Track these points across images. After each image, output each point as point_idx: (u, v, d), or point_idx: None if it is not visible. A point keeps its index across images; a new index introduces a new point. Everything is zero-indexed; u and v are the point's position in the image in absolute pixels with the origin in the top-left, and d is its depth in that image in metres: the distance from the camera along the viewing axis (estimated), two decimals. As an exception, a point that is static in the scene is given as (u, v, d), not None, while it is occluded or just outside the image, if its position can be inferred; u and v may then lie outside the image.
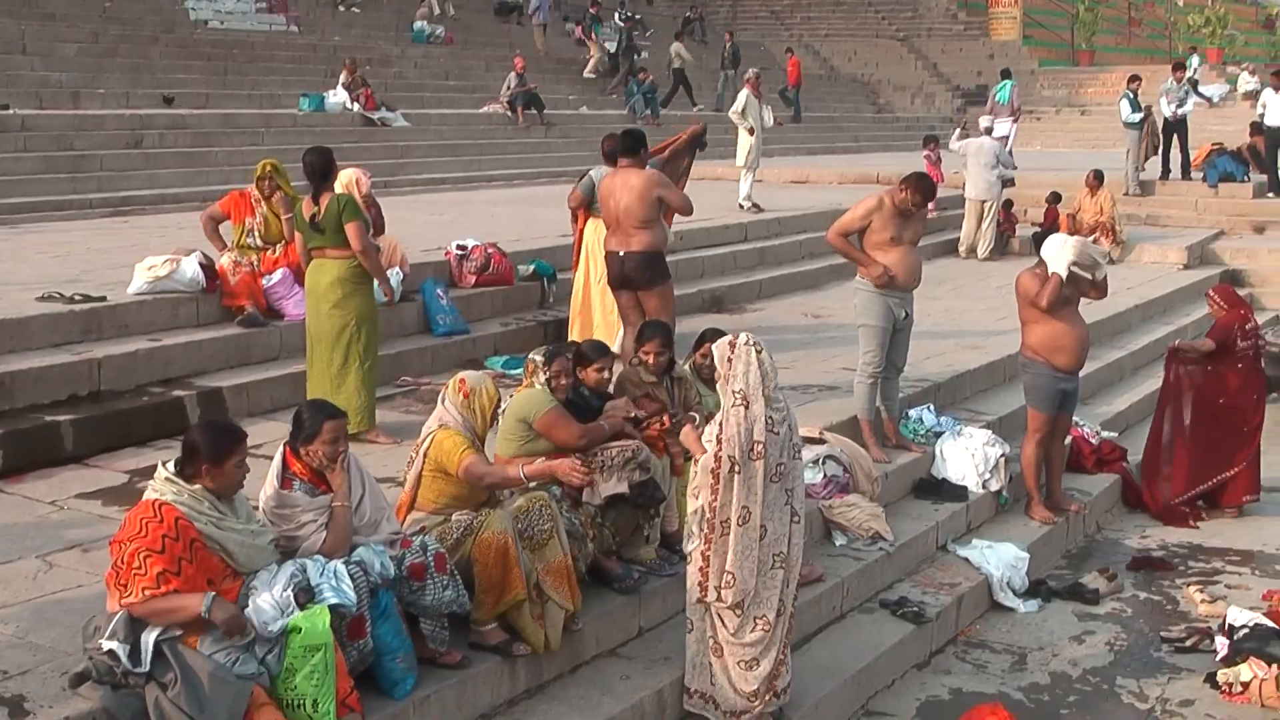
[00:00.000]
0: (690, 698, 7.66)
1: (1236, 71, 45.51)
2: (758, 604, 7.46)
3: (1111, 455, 13.21)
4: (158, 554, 5.79)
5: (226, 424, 6.50)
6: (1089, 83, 48.28)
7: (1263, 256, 23.62)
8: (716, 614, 7.50)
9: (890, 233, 11.00)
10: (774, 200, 22.06)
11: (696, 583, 7.49)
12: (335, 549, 6.57)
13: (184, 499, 6.01)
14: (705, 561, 7.43)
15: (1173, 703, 9.00)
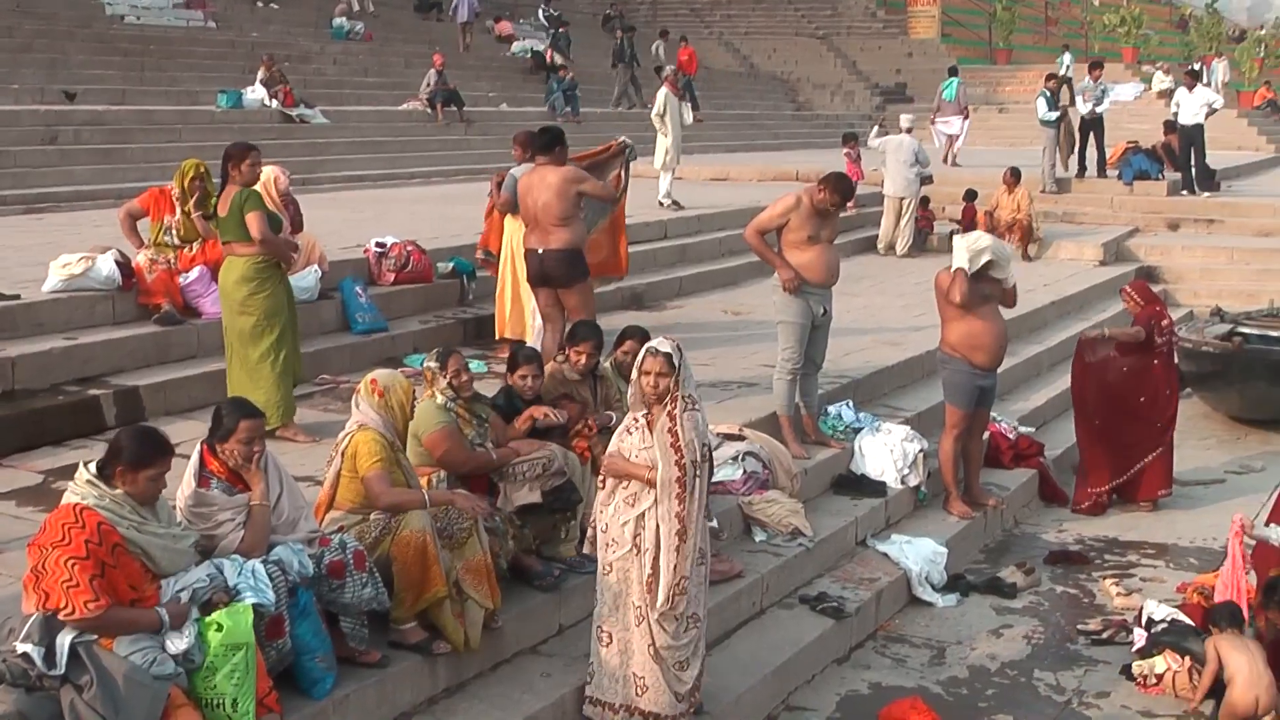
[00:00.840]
0: (610, 711, 7.50)
1: (1151, 71, 46.04)
2: (691, 604, 7.44)
3: (1029, 450, 13.33)
4: (83, 560, 5.73)
5: (157, 436, 6.39)
6: (1007, 81, 48.68)
7: (1177, 253, 23.89)
8: (657, 623, 7.39)
9: (808, 231, 11.05)
10: (694, 198, 22.08)
11: (635, 593, 7.36)
12: (253, 548, 6.53)
13: (105, 503, 5.97)
14: (657, 572, 7.31)
15: (1089, 694, 9.13)
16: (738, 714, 8.23)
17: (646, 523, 7.31)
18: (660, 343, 7.37)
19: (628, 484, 7.35)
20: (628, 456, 7.35)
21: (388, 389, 7.52)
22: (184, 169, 11.75)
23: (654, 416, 7.33)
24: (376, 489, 7.24)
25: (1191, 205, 26.58)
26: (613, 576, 7.40)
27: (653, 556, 7.31)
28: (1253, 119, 42.74)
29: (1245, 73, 50.49)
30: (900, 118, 26.14)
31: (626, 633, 7.40)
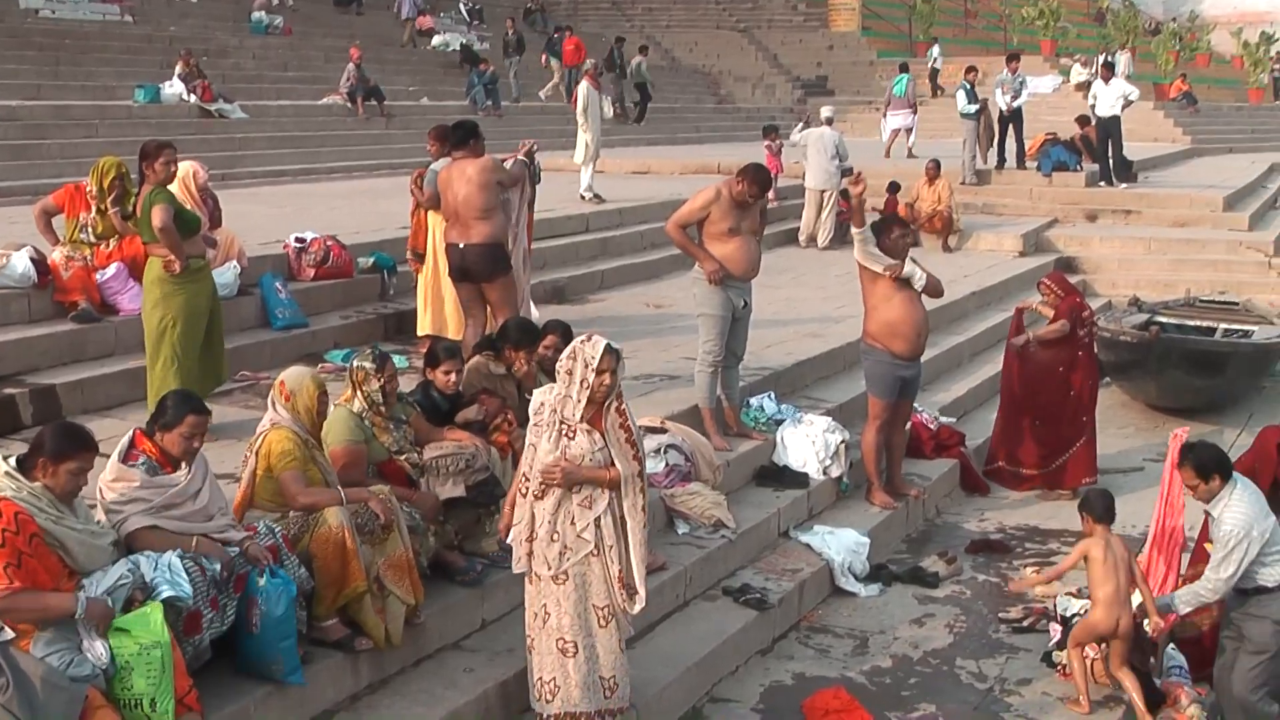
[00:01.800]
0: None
1: (1069, 63, 46.40)
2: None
3: (950, 441, 13.42)
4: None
5: (81, 431, 6.35)
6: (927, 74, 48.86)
7: (1095, 244, 24.12)
8: (624, 616, 7.41)
9: (728, 223, 11.07)
10: (615, 191, 22.08)
11: (597, 594, 7.30)
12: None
13: (23, 495, 5.94)
14: (627, 565, 7.30)
15: (1010, 682, 9.20)
16: (661, 706, 8.23)
17: (603, 522, 7.25)
18: (608, 345, 7.26)
19: (579, 488, 7.22)
20: (578, 463, 7.22)
21: (294, 393, 7.46)
22: (102, 167, 11.59)
23: (599, 416, 7.26)
24: (292, 489, 7.19)
25: (1109, 196, 26.86)
26: (569, 585, 7.24)
27: (618, 553, 7.26)
28: (1169, 111, 43.16)
29: (1161, 66, 50.99)
30: (820, 110, 26.23)
31: (590, 637, 7.32)
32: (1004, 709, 8.84)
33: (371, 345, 9.27)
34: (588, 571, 7.26)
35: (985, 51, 48.77)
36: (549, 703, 7.35)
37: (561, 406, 7.24)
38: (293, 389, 7.47)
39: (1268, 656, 8.20)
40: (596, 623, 7.31)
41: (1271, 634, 8.17)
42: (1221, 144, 41.49)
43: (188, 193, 11.64)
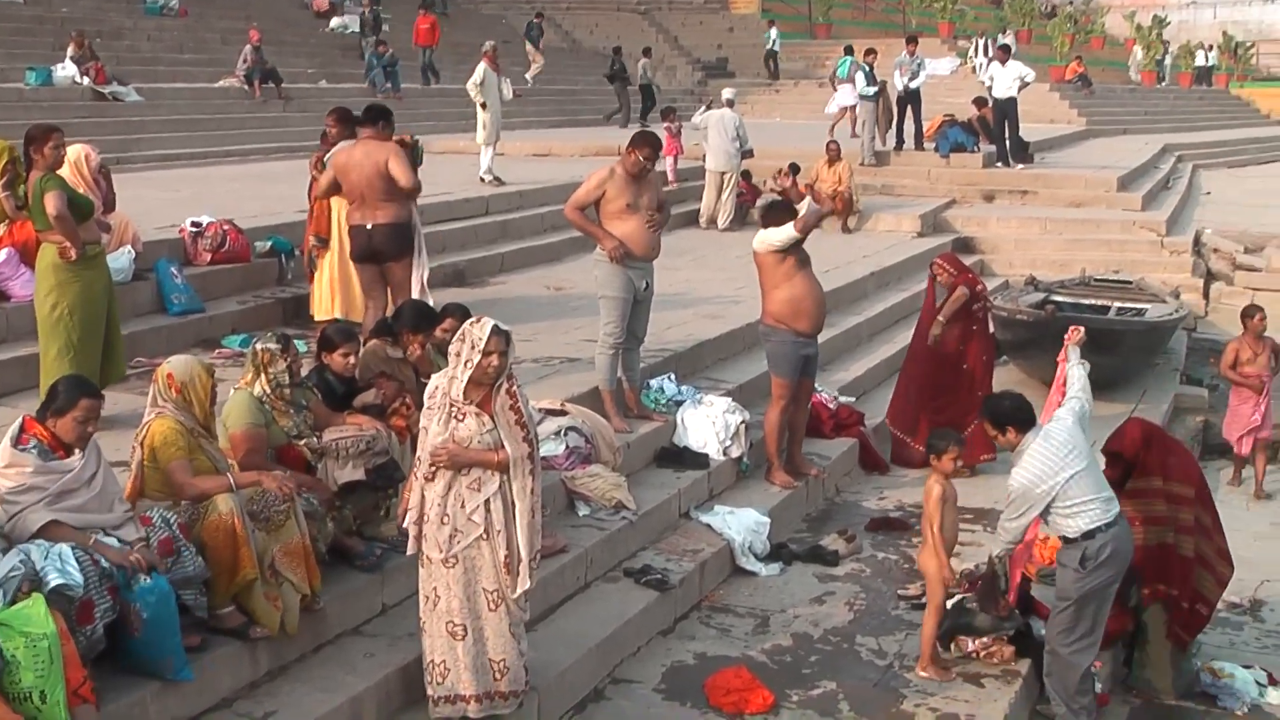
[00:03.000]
0: (475, 701, 7.39)
1: (967, 45, 46.79)
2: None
3: (849, 420, 13.50)
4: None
5: None
6: (826, 55, 49.05)
7: (992, 224, 24.38)
8: (514, 601, 7.37)
9: (625, 200, 11.08)
10: (515, 173, 22.01)
11: (487, 578, 7.29)
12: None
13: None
14: (514, 550, 7.29)
15: (909, 658, 9.26)
16: (563, 689, 8.24)
17: (493, 505, 7.23)
18: (496, 325, 7.25)
19: (468, 471, 7.21)
20: (465, 445, 7.22)
21: (185, 384, 7.36)
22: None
23: (488, 398, 7.25)
24: (179, 479, 7.12)
25: (1006, 177, 27.17)
26: (459, 569, 7.23)
27: (506, 537, 7.24)
28: (1064, 93, 43.62)
29: (1057, 48, 51.49)
30: (721, 92, 26.30)
31: (479, 620, 7.30)
32: (903, 685, 8.90)
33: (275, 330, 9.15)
34: (477, 555, 7.26)
35: (884, 34, 49.07)
36: (439, 685, 7.35)
37: (451, 388, 7.25)
38: (183, 380, 7.37)
39: (1070, 605, 8.49)
40: (486, 606, 7.30)
41: (1072, 581, 8.45)
42: (1116, 125, 42.03)
43: (80, 177, 11.45)
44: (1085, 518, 8.32)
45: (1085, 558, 8.34)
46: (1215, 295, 22.25)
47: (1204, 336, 20.81)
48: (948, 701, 8.66)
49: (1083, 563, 8.35)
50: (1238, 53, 61.99)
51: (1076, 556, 8.38)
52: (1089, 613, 8.53)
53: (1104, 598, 8.57)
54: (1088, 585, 8.41)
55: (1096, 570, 8.36)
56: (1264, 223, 25.94)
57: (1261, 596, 11.45)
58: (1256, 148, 44.02)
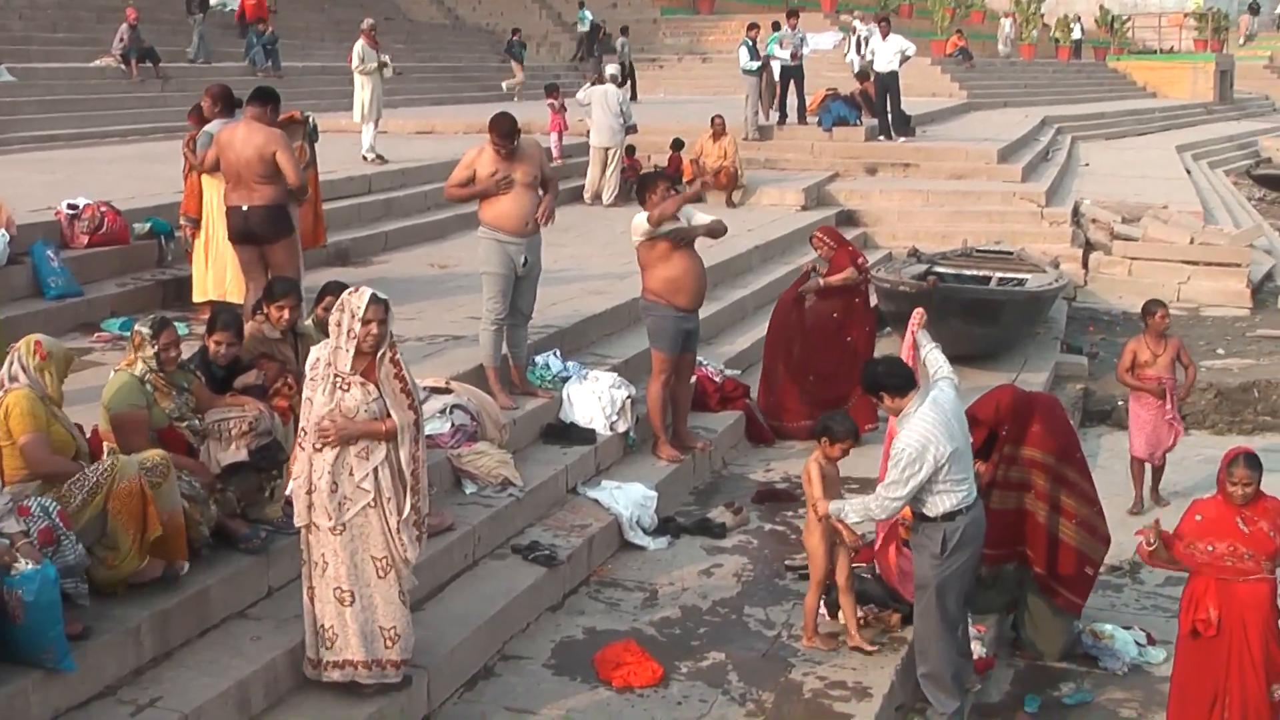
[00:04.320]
0: (363, 668, 7.42)
1: (849, 19, 47.00)
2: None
3: (734, 393, 13.58)
4: None
5: None
6: (709, 31, 49.26)
7: (875, 197, 24.55)
8: (405, 567, 7.44)
9: (497, 177, 11.11)
10: (398, 151, 21.88)
11: (376, 545, 7.32)
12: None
13: None
14: (402, 515, 7.34)
15: (796, 627, 9.33)
16: (453, 666, 8.24)
17: (381, 473, 7.27)
18: (374, 294, 7.24)
19: (356, 439, 7.24)
20: (351, 416, 7.21)
21: (51, 354, 7.31)
22: None
23: (372, 367, 7.25)
24: (37, 455, 7.04)
25: (888, 150, 27.35)
26: (346, 536, 7.26)
27: (395, 504, 7.29)
28: (945, 66, 43.99)
29: (937, 22, 51.85)
30: (605, 68, 26.29)
31: (369, 588, 7.33)
32: (791, 654, 8.98)
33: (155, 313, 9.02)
34: (365, 523, 7.29)
35: (767, 9, 49.14)
36: (328, 649, 7.36)
37: (334, 359, 7.25)
38: (50, 349, 7.34)
39: (930, 590, 8.38)
40: (375, 573, 7.33)
41: (931, 567, 8.37)
42: (996, 99, 42.45)
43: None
44: (952, 498, 8.19)
45: (945, 540, 8.24)
46: (1094, 265, 22.56)
47: (1084, 305, 21.12)
48: (835, 670, 8.74)
49: (942, 547, 8.24)
50: (1114, 26, 62.86)
51: (937, 539, 8.26)
52: (950, 599, 8.41)
53: (963, 581, 8.49)
54: (945, 571, 8.31)
55: (954, 554, 8.27)
56: (1141, 193, 26.36)
57: (1140, 559, 11.64)
58: (1134, 120, 44.65)
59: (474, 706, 8.16)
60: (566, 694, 8.34)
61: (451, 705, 8.13)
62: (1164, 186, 28.34)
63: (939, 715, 8.51)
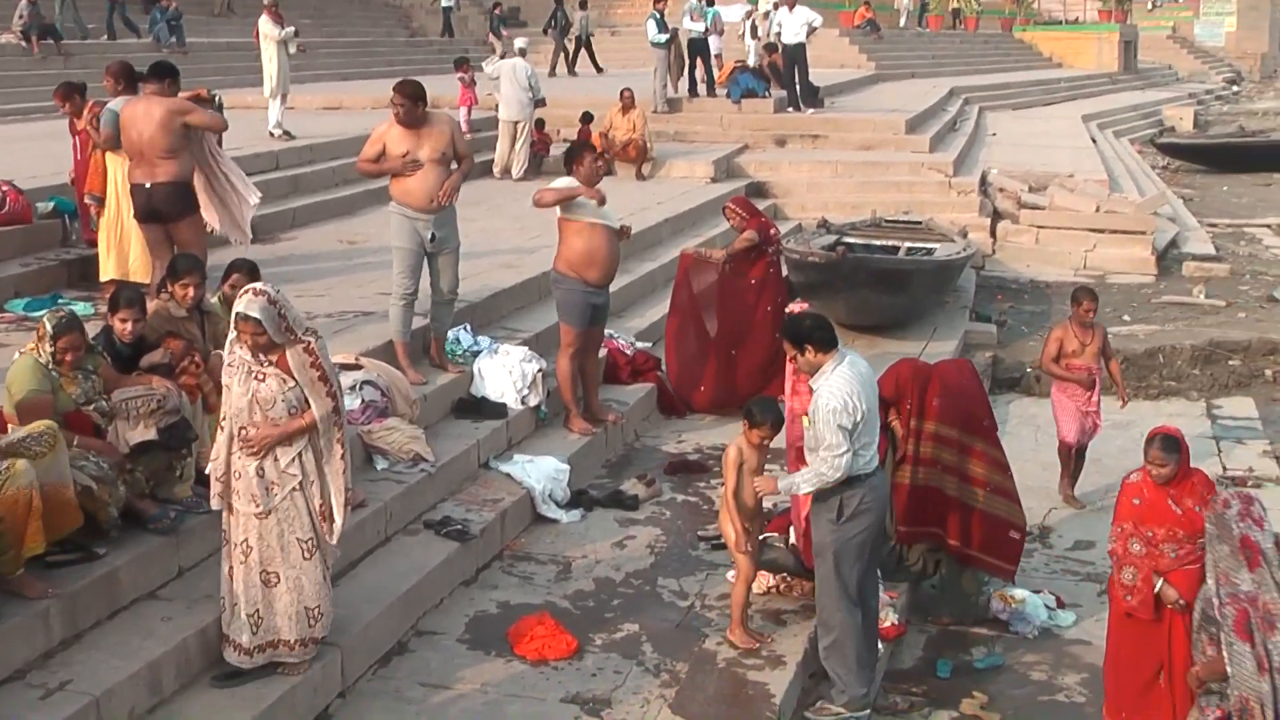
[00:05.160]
0: (285, 648, 7.44)
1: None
2: None
3: (646, 365, 13.60)
4: None
5: None
6: (618, 4, 49.25)
7: (784, 169, 24.64)
8: (332, 546, 7.47)
9: (403, 150, 11.07)
10: (306, 127, 21.71)
11: (302, 528, 7.33)
12: None
13: None
14: (327, 499, 7.36)
15: (710, 597, 9.39)
16: (366, 642, 8.22)
17: (304, 457, 7.27)
18: (248, 305, 7.12)
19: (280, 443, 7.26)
20: (268, 406, 7.18)
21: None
22: None
23: (284, 358, 7.20)
24: None
25: (797, 122, 27.45)
26: (273, 519, 7.25)
27: (319, 486, 7.29)
28: (853, 38, 44.20)
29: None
30: (514, 42, 26.20)
31: (295, 570, 7.31)
32: (705, 624, 9.02)
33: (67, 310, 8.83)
34: (291, 505, 7.28)
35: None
36: (254, 634, 7.34)
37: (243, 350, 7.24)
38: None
39: (828, 559, 8.30)
40: (301, 555, 7.32)
41: (828, 534, 8.26)
42: (904, 70, 42.72)
43: None
44: (856, 461, 8.05)
45: (842, 506, 8.14)
46: (1002, 233, 22.77)
47: (992, 274, 21.30)
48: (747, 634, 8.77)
49: (839, 512, 8.14)
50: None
51: (834, 506, 8.16)
52: (848, 567, 8.27)
53: (862, 551, 8.31)
54: (843, 538, 8.19)
55: (851, 521, 8.16)
56: (1047, 162, 26.66)
57: (1050, 523, 11.80)
58: (1040, 89, 45.10)
59: (388, 683, 8.14)
60: (481, 668, 8.34)
61: (365, 682, 8.10)
62: (1070, 156, 28.68)
63: (839, 695, 8.41)
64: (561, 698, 8.02)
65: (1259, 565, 6.98)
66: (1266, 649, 6.88)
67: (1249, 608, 6.95)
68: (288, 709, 7.37)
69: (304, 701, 7.54)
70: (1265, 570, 6.97)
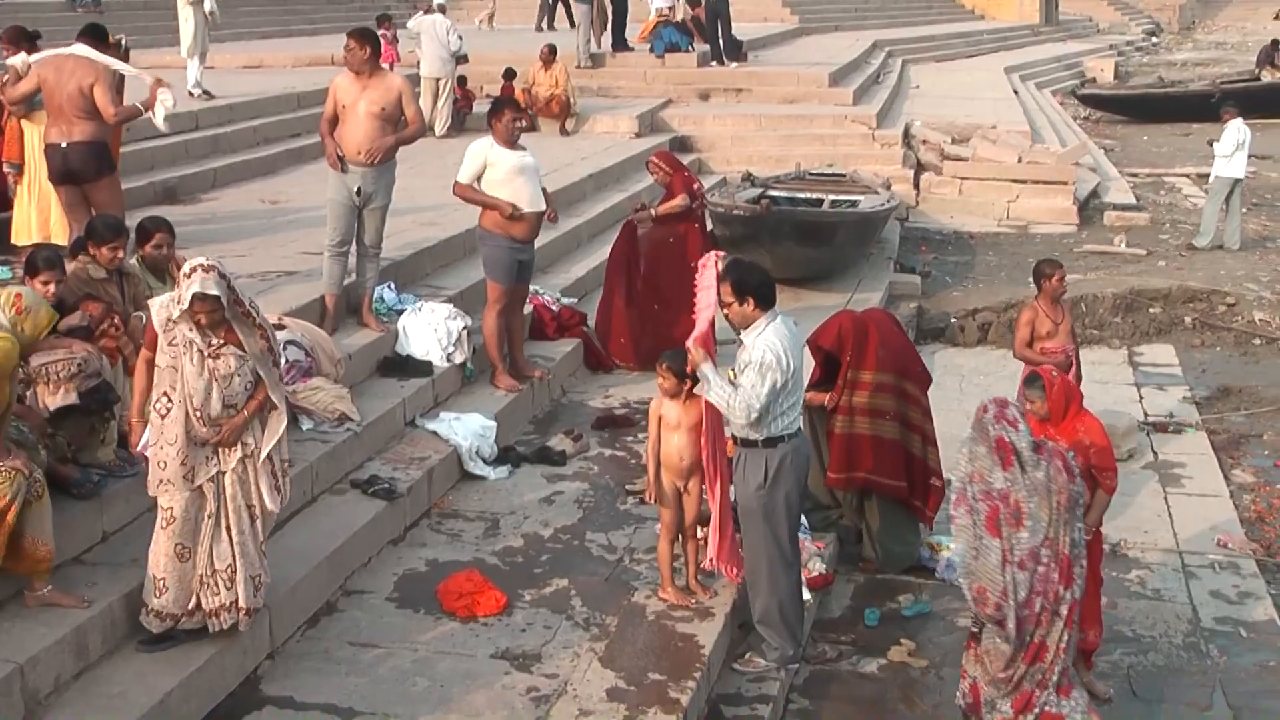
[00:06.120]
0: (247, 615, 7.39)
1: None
2: None
3: (572, 321, 13.59)
4: None
5: None
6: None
7: (708, 123, 24.64)
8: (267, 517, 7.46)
9: (345, 101, 11.20)
10: (226, 87, 21.42)
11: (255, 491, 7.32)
12: None
13: None
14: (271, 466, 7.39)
15: (639, 550, 9.45)
16: (294, 604, 8.19)
17: (254, 426, 7.28)
18: (204, 284, 6.98)
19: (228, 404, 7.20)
20: (225, 386, 7.10)
21: (29, 307, 7.19)
22: None
23: (232, 331, 7.13)
24: None
25: (721, 75, 27.47)
26: (228, 478, 7.24)
27: (265, 455, 7.29)
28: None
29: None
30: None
31: (245, 535, 7.27)
32: (634, 577, 9.06)
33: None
34: (245, 473, 7.28)
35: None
36: (214, 598, 7.30)
37: (189, 333, 7.13)
38: (29, 304, 7.22)
39: (756, 523, 8.31)
40: (249, 519, 7.31)
41: (755, 498, 8.24)
42: (827, 23, 42.74)
43: None
44: (779, 423, 8.09)
45: (767, 467, 8.13)
46: (925, 185, 22.91)
47: (916, 225, 21.44)
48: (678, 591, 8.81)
49: (765, 474, 8.14)
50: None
51: (760, 465, 8.16)
52: (776, 530, 8.29)
53: (790, 511, 8.34)
54: (770, 500, 8.20)
55: (777, 482, 8.16)
56: (970, 114, 26.80)
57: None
58: (963, 42, 45.26)
59: (317, 643, 8.11)
60: (410, 626, 8.34)
61: (294, 643, 8.08)
62: (992, 107, 28.86)
63: (773, 652, 8.46)
64: (491, 653, 8.02)
65: (1011, 465, 7.30)
66: (1011, 544, 7.27)
67: (1000, 504, 7.29)
68: (216, 671, 7.34)
69: (232, 664, 7.50)
70: (1017, 470, 7.28)
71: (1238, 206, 20.76)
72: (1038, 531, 7.29)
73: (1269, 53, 39.14)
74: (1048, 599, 7.37)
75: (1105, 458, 8.25)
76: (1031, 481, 7.29)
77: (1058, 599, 7.40)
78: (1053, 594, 7.38)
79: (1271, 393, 15.10)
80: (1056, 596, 7.39)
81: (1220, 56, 52.93)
